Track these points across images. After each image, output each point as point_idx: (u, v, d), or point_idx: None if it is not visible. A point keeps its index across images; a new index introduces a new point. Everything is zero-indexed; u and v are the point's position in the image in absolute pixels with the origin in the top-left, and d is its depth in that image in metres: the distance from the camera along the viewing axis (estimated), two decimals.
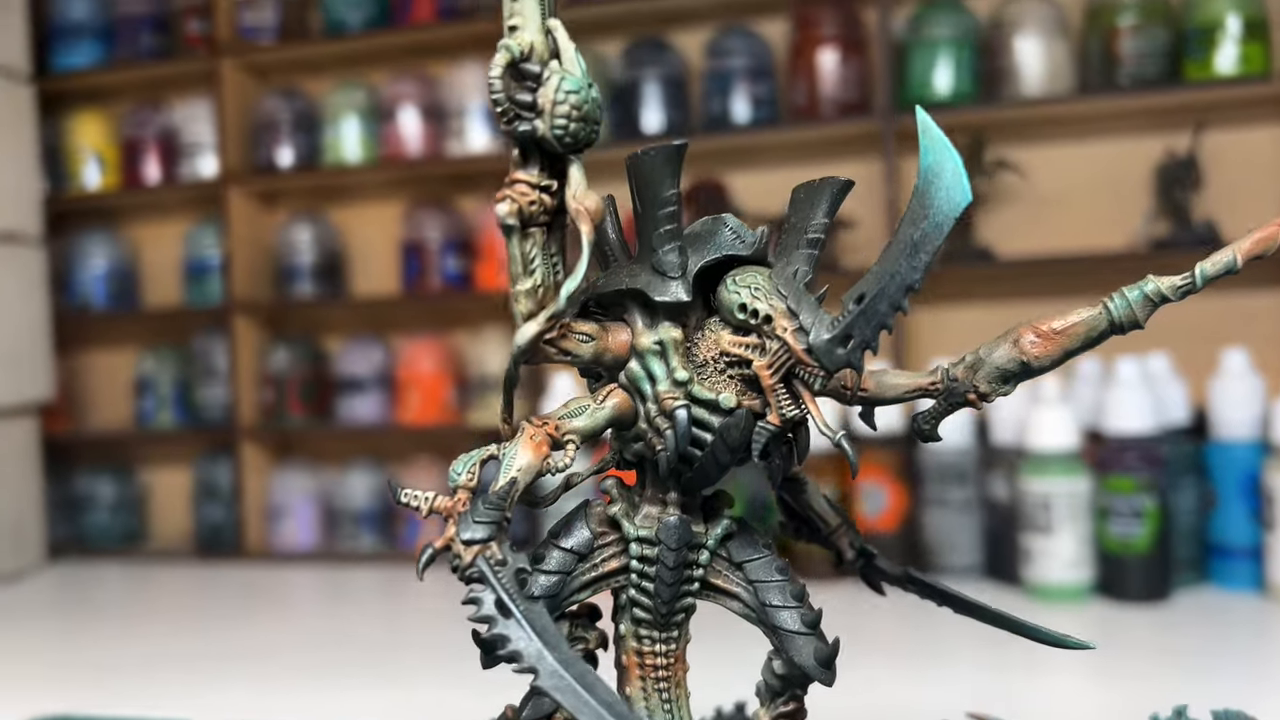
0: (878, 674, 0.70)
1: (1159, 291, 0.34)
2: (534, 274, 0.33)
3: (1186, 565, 0.89)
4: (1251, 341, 0.96)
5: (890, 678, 0.69)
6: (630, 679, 0.37)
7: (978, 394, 0.36)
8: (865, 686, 0.67)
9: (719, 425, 0.34)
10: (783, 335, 0.33)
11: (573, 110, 0.32)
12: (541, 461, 0.34)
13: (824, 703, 0.54)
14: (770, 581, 0.37)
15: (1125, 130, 1.02)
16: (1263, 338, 0.99)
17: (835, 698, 0.63)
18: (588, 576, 0.37)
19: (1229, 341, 0.93)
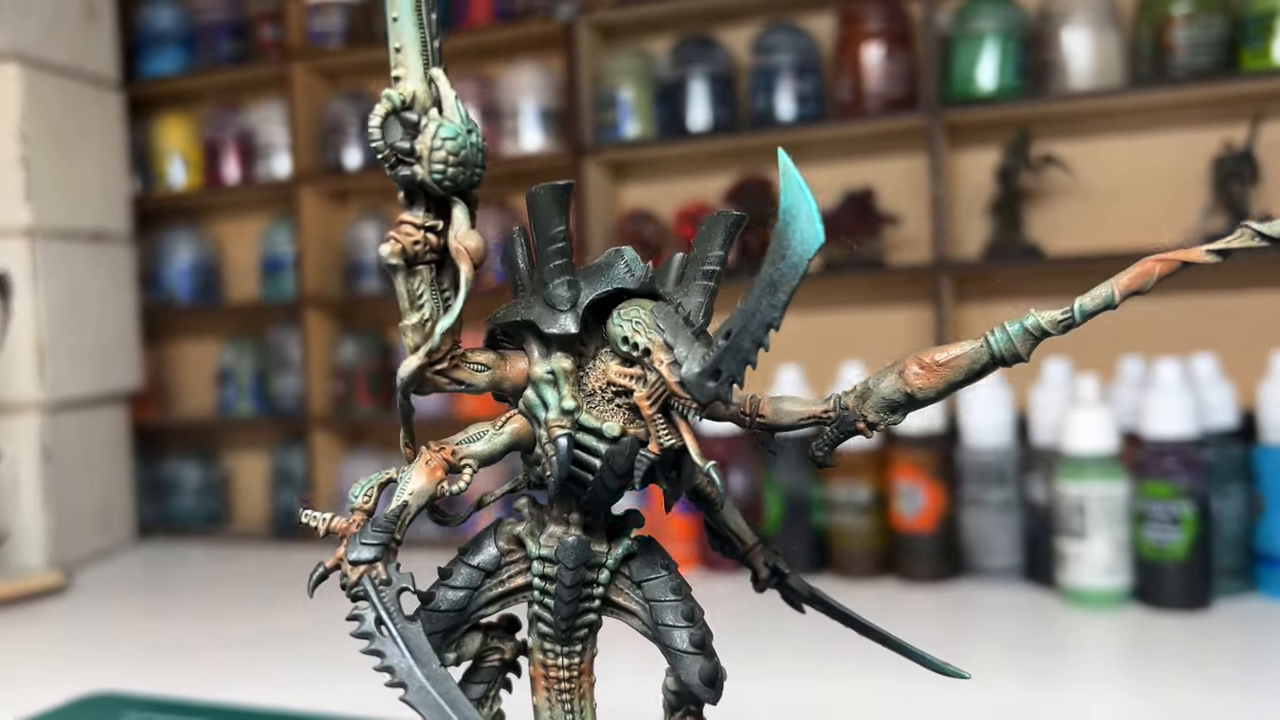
0: (910, 679, 0.70)
1: (1038, 325, 0.35)
2: (422, 309, 0.35)
3: (1231, 573, 0.87)
4: None
5: (921, 682, 0.69)
6: (538, 689, 0.39)
7: (866, 423, 0.37)
8: (896, 690, 0.67)
9: (605, 452, 0.35)
10: (659, 368, 0.34)
11: (449, 156, 0.33)
12: (436, 486, 0.36)
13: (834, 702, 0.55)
14: (664, 601, 0.38)
15: (1179, 123, 0.99)
16: None
17: (869, 696, 0.64)
18: (495, 592, 0.38)
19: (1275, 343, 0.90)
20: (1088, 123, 1.01)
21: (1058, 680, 0.68)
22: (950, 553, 0.94)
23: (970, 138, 1.06)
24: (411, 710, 0.32)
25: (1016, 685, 0.67)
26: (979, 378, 0.36)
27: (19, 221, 1.12)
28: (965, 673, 0.39)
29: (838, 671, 0.70)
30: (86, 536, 1.19)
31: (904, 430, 0.95)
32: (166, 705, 0.70)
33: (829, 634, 0.80)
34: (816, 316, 1.14)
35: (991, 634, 0.80)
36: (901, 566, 0.96)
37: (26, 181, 1.12)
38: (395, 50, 0.34)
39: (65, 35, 1.19)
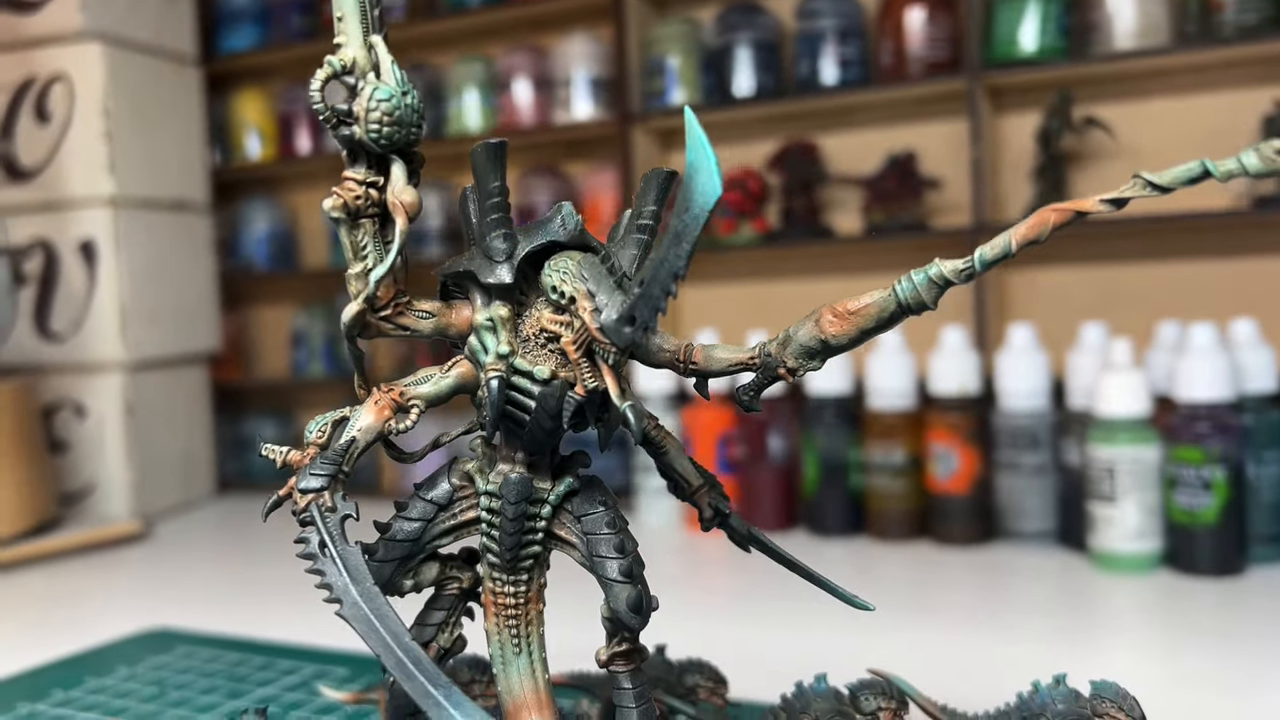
0: (946, 634, 0.71)
1: (941, 275, 0.36)
2: (365, 259, 0.38)
3: (1269, 540, 0.85)
4: None
5: (955, 640, 0.70)
6: (488, 615, 0.42)
7: (787, 368, 0.39)
8: (931, 644, 0.68)
9: (538, 394, 0.38)
10: (582, 315, 0.37)
11: (384, 116, 0.36)
12: (383, 424, 0.39)
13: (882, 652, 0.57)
14: (600, 534, 0.40)
15: (1228, 83, 0.97)
16: None
17: (899, 648, 0.65)
18: (447, 524, 0.41)
19: None
20: (1133, 84, 0.99)
21: (1086, 643, 0.69)
22: (984, 516, 0.95)
23: (1014, 101, 1.05)
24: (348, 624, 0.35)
25: (1045, 647, 0.68)
26: (889, 325, 0.37)
27: (103, 192, 1.19)
28: (870, 605, 0.41)
29: (875, 628, 0.72)
30: (168, 489, 1.26)
31: (939, 393, 0.96)
32: (216, 640, 0.75)
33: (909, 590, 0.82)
34: (858, 280, 1.15)
35: (1022, 597, 0.81)
36: (936, 529, 0.96)
37: (110, 154, 1.19)
38: (337, 19, 0.37)
39: (146, 15, 1.25)
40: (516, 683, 0.41)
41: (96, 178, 1.19)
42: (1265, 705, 0.56)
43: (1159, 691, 0.59)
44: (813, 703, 0.47)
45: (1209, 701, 0.57)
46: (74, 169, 1.19)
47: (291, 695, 0.65)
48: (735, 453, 1.05)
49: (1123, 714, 0.44)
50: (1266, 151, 0.32)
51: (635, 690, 0.41)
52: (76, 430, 1.21)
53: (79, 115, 1.19)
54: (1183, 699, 0.57)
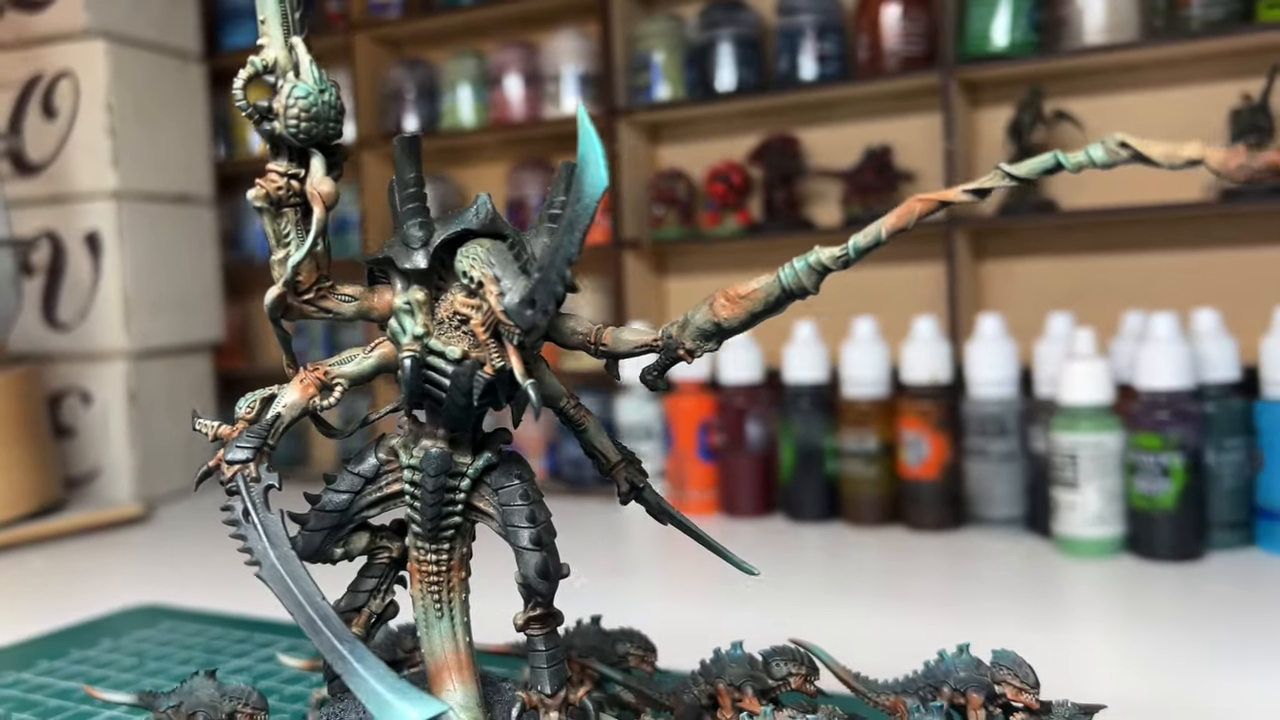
0: (912, 618, 0.73)
1: (820, 261, 0.38)
2: (287, 246, 0.40)
3: (1230, 526, 0.87)
4: None
5: (920, 623, 0.72)
6: (413, 582, 0.44)
7: (686, 350, 0.41)
8: (896, 627, 0.70)
9: (451, 373, 0.40)
10: (489, 298, 0.39)
11: (302, 112, 0.39)
12: (308, 401, 0.41)
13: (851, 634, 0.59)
14: (514, 505, 0.43)
15: (1196, 78, 0.98)
16: None
17: (869, 630, 0.68)
18: (374, 496, 0.44)
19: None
20: (1103, 78, 1.01)
21: (1047, 625, 0.70)
22: (954, 502, 0.97)
23: (990, 96, 1.06)
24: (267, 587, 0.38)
25: (1007, 629, 0.70)
26: (776, 309, 0.40)
27: (107, 185, 1.23)
28: (755, 570, 0.43)
29: (844, 610, 0.74)
30: (172, 474, 1.30)
31: (911, 381, 0.98)
32: (199, 616, 0.78)
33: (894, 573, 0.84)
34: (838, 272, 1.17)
35: (988, 581, 0.83)
36: (908, 515, 0.98)
37: (114, 148, 1.22)
38: (261, 22, 0.40)
39: (150, 13, 1.28)
40: (438, 645, 0.44)
41: (101, 171, 1.22)
42: (1218, 686, 0.58)
43: (1116, 671, 0.61)
44: (728, 668, 0.49)
45: (1164, 682, 0.58)
46: (80, 163, 1.23)
47: (264, 666, 0.68)
48: (715, 440, 1.07)
49: (1017, 680, 0.46)
50: (1110, 144, 0.34)
51: (548, 652, 0.43)
52: (82, 416, 1.25)
53: (84, 111, 1.22)
54: (1139, 679, 0.59)
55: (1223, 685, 0.58)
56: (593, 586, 0.82)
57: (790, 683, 0.49)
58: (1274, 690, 0.56)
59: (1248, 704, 0.55)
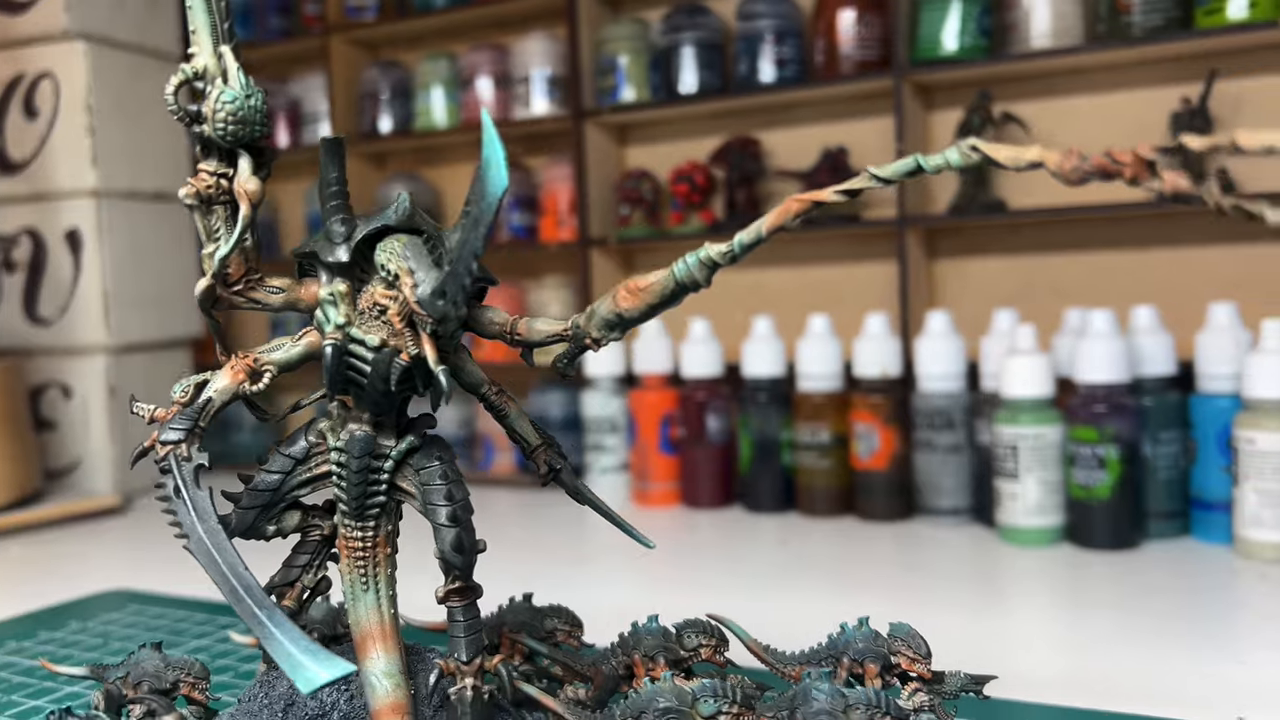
0: (860, 604, 0.75)
1: (709, 257, 0.41)
2: (217, 241, 0.43)
3: (1166, 516, 0.90)
4: (1241, 296, 0.95)
5: (868, 608, 0.74)
6: (342, 558, 0.47)
7: (592, 339, 0.44)
8: (845, 613, 0.73)
9: (371, 360, 0.43)
10: (404, 290, 0.42)
11: (229, 116, 0.42)
12: (238, 386, 0.44)
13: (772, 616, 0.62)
14: (433, 485, 0.46)
15: (1139, 82, 1.01)
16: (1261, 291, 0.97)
17: (817, 614, 0.70)
18: (304, 477, 0.47)
19: (1221, 296, 0.92)
20: (1050, 81, 1.03)
21: (990, 611, 0.73)
22: (904, 492, 1.00)
23: (943, 99, 1.09)
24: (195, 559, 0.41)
25: (954, 615, 0.72)
26: (672, 301, 0.42)
27: (86, 184, 1.25)
28: (651, 543, 0.46)
29: (795, 596, 0.77)
30: (150, 466, 1.32)
31: (863, 375, 1.01)
32: (166, 600, 0.81)
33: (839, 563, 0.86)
34: (797, 269, 1.20)
35: (935, 568, 0.85)
36: (859, 505, 1.01)
37: (93, 147, 1.25)
38: (192, 32, 0.43)
39: (130, 15, 1.31)
40: (364, 616, 0.47)
41: (81, 170, 1.25)
42: (1149, 665, 0.60)
43: (1053, 652, 0.64)
44: (643, 640, 0.52)
45: (1099, 662, 0.61)
46: (60, 162, 1.26)
47: (222, 646, 0.71)
48: (676, 433, 1.10)
49: (910, 651, 0.49)
50: (964, 148, 0.37)
51: (466, 623, 0.46)
52: (63, 409, 1.28)
53: (64, 111, 1.25)
54: (1075, 660, 0.62)
55: (1154, 665, 0.60)
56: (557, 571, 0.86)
57: (701, 653, 0.52)
58: (1202, 669, 0.59)
59: (1177, 682, 0.57)
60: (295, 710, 0.46)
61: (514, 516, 1.11)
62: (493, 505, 1.17)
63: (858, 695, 0.43)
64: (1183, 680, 0.57)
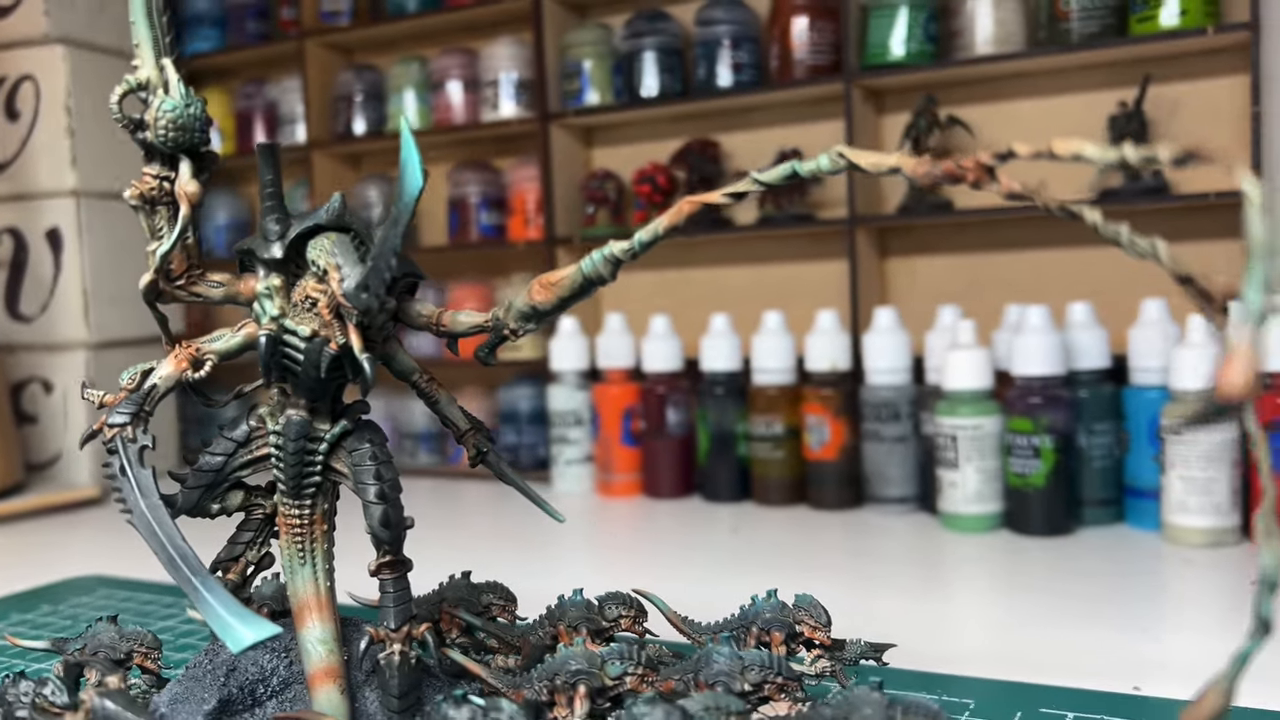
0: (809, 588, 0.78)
1: (613, 254, 0.45)
2: (161, 239, 0.47)
3: (1101, 504, 0.93)
4: (1173, 292, 0.98)
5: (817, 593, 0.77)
6: (281, 534, 0.51)
7: (510, 330, 0.47)
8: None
9: (304, 349, 0.47)
10: (332, 284, 0.46)
11: (170, 123, 0.45)
12: (181, 373, 0.48)
13: (722, 599, 0.65)
14: (364, 465, 0.49)
15: (1078, 86, 1.05)
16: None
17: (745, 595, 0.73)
18: (246, 458, 0.50)
19: (1153, 293, 0.96)
20: (995, 86, 1.07)
21: (931, 594, 0.76)
22: (854, 482, 1.03)
23: (894, 103, 1.13)
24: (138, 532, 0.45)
25: (897, 598, 0.75)
26: (582, 294, 0.46)
27: (66, 184, 1.29)
28: (561, 517, 0.50)
29: (753, 581, 0.80)
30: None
31: (814, 369, 1.04)
32: (135, 584, 0.85)
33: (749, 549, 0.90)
34: (752, 269, 1.23)
35: (881, 554, 0.89)
36: (811, 495, 1.05)
37: (72, 148, 1.28)
38: (136, 46, 0.46)
39: (109, 20, 1.34)
40: (302, 588, 0.50)
41: (61, 171, 1.29)
42: (1080, 644, 0.63)
43: (989, 632, 0.67)
44: (568, 611, 0.55)
45: (1031, 641, 0.64)
46: (41, 162, 1.29)
47: (186, 626, 0.74)
48: (638, 426, 1.14)
49: (812, 619, 0.52)
50: (833, 154, 0.40)
51: (395, 594, 0.49)
52: (44, 404, 1.31)
53: (45, 113, 1.28)
54: (1009, 639, 0.65)
55: (1076, 642, 0.64)
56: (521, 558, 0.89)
57: (621, 624, 0.55)
58: (1117, 645, 0.63)
59: (1093, 657, 0.60)
60: (237, 675, 0.50)
61: (482, 507, 1.14)
62: (462, 496, 1.20)
63: (753, 658, 0.46)
64: (1098, 655, 0.61)
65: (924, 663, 0.59)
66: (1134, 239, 0.35)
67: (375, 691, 0.49)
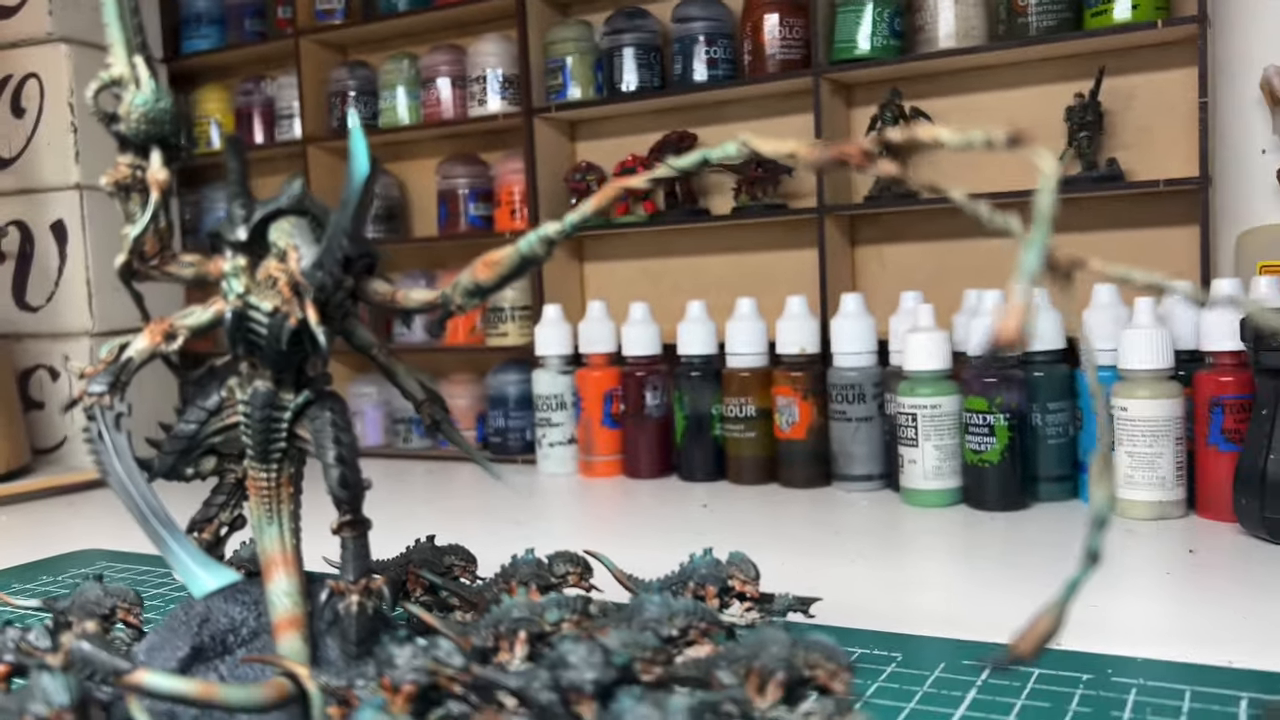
0: (778, 560, 0.81)
1: (546, 235, 0.49)
2: (135, 223, 0.51)
3: (1057, 480, 0.97)
4: None
5: (786, 564, 0.80)
6: (250, 496, 0.55)
7: (457, 305, 0.52)
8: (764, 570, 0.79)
9: (267, 324, 0.51)
10: (290, 263, 0.50)
11: (141, 117, 0.49)
12: (155, 346, 0.52)
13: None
14: (324, 431, 0.53)
15: (1037, 79, 1.09)
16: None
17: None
18: (218, 425, 0.55)
19: None
20: (958, 79, 1.11)
21: (891, 565, 0.79)
22: (822, 460, 1.07)
23: (863, 96, 1.17)
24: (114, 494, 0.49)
25: (859, 569, 0.78)
26: (520, 272, 0.50)
27: (70, 178, 1.34)
28: (500, 474, 0.54)
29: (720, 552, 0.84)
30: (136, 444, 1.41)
31: (785, 353, 1.08)
32: (130, 556, 0.89)
33: (721, 525, 0.94)
34: (728, 258, 1.28)
35: (846, 529, 0.92)
36: (782, 473, 1.09)
37: (76, 144, 1.33)
38: (109, 44, 0.51)
39: None
40: (269, 545, 0.54)
41: (65, 165, 1.33)
42: (1019, 604, 0.66)
43: (945, 599, 0.70)
44: (520, 569, 0.60)
45: (984, 607, 0.67)
46: (46, 157, 1.34)
47: (178, 594, 0.78)
48: (618, 409, 1.18)
49: (742, 574, 0.57)
50: (739, 142, 0.44)
51: (354, 550, 0.54)
52: (50, 391, 1.36)
53: (49, 109, 1.33)
54: (963, 605, 0.68)
55: (1025, 606, 0.67)
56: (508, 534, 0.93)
57: (569, 580, 0.60)
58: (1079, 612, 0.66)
59: (1080, 638, 0.64)
60: (209, 626, 0.54)
61: (471, 488, 1.19)
62: (453, 478, 1.24)
63: (680, 605, 0.50)
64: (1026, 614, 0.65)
65: (877, 623, 0.62)
66: (993, 215, 0.39)
67: (336, 640, 0.54)
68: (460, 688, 0.44)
